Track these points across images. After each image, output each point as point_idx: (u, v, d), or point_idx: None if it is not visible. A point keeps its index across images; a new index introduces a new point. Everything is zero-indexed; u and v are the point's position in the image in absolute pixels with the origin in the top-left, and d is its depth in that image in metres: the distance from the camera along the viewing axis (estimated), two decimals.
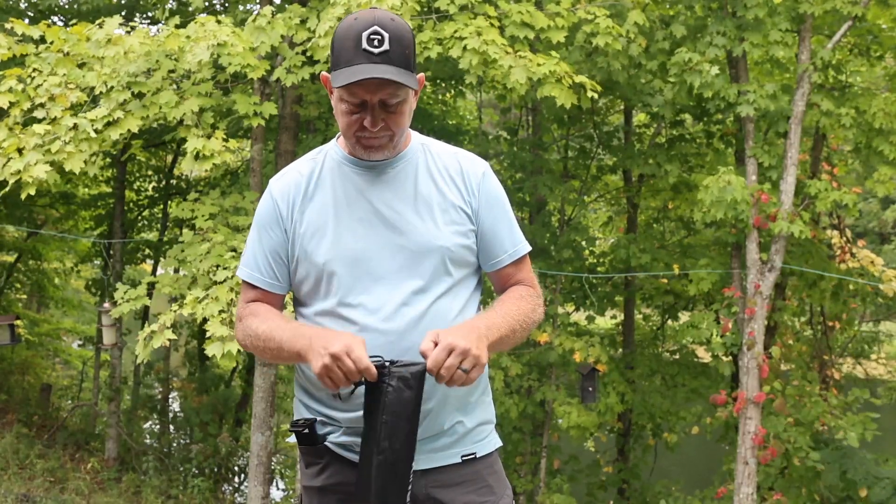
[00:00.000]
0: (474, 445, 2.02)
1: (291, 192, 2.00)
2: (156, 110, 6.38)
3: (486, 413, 2.08)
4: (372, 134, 1.88)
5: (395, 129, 1.89)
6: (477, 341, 1.76)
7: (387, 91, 1.83)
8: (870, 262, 10.53)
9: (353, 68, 1.81)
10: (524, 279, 2.08)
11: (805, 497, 9.15)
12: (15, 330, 9.45)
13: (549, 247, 9.71)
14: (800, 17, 8.09)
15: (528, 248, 2.10)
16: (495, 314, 1.92)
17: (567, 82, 6.49)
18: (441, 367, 1.71)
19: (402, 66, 1.82)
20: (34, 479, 9.48)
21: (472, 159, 2.05)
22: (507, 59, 6.26)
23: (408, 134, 2.01)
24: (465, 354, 1.72)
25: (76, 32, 6.48)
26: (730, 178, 7.72)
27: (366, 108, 1.85)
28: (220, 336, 5.86)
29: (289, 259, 2.01)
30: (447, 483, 1.93)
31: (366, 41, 1.80)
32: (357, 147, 1.93)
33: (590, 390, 8.26)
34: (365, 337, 1.87)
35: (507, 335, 1.91)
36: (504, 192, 2.10)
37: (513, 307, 1.97)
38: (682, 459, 11.85)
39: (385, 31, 1.80)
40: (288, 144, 8.26)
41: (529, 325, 2.00)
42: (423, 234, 1.93)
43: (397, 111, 1.87)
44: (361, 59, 1.80)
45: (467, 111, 13.55)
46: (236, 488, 11.72)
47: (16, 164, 6.01)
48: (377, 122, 1.86)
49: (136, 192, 14.02)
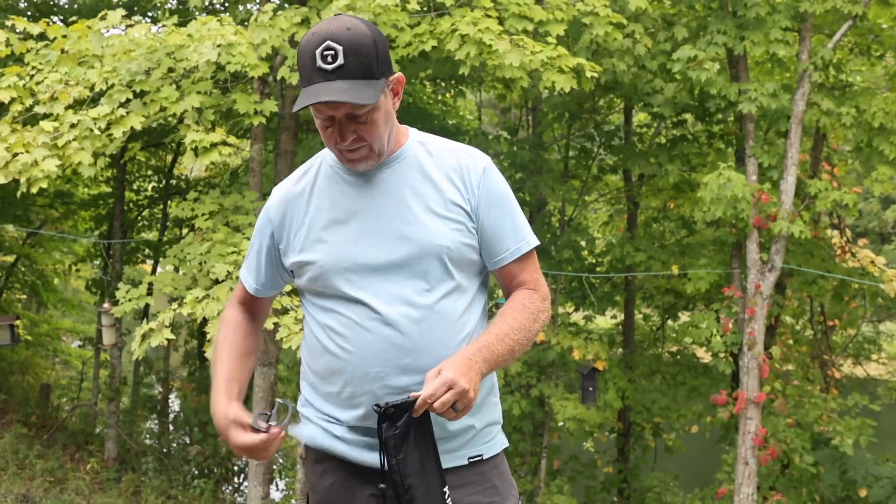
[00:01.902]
0: (481, 447, 2.01)
1: (287, 200, 2.03)
2: (156, 109, 6.37)
3: (494, 414, 2.07)
4: (347, 146, 1.88)
5: (370, 139, 1.88)
6: (475, 380, 1.77)
7: (349, 105, 1.82)
8: (870, 261, 10.54)
9: (309, 89, 1.81)
10: (528, 280, 2.03)
11: (805, 497, 9.15)
12: (15, 330, 9.45)
13: (550, 247, 9.71)
14: (800, 15, 8.09)
15: (534, 244, 2.04)
16: (494, 338, 1.89)
17: (566, 66, 6.45)
18: (437, 400, 1.72)
19: (362, 76, 1.80)
20: (34, 480, 9.47)
21: (473, 155, 2.01)
22: (503, 45, 6.24)
23: (402, 132, 2.00)
24: (462, 396, 1.73)
25: (77, 30, 6.47)
26: (730, 175, 7.71)
27: (335, 121, 1.86)
28: None
29: (280, 265, 2.08)
30: (453, 484, 1.92)
31: (319, 58, 1.79)
32: (342, 160, 1.94)
33: (590, 390, 8.26)
34: (367, 338, 1.89)
35: (505, 359, 1.90)
36: (508, 187, 2.05)
37: (512, 324, 1.94)
38: (683, 459, 11.83)
39: (338, 44, 1.78)
40: (288, 144, 8.26)
41: (532, 336, 1.98)
42: (421, 234, 1.92)
43: (368, 121, 1.86)
44: (317, 78, 1.80)
45: (467, 111, 13.54)
46: (236, 488, 11.71)
47: (25, 158, 6.00)
48: (347, 137, 1.86)
49: (135, 192, 14.01)
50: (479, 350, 1.84)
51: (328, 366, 1.96)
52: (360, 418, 1.92)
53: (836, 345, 11.08)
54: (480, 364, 1.81)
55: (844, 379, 10.96)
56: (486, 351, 1.85)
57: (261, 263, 2.10)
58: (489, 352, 1.85)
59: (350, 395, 1.93)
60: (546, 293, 2.05)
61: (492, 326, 1.94)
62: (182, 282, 6.79)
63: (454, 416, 1.76)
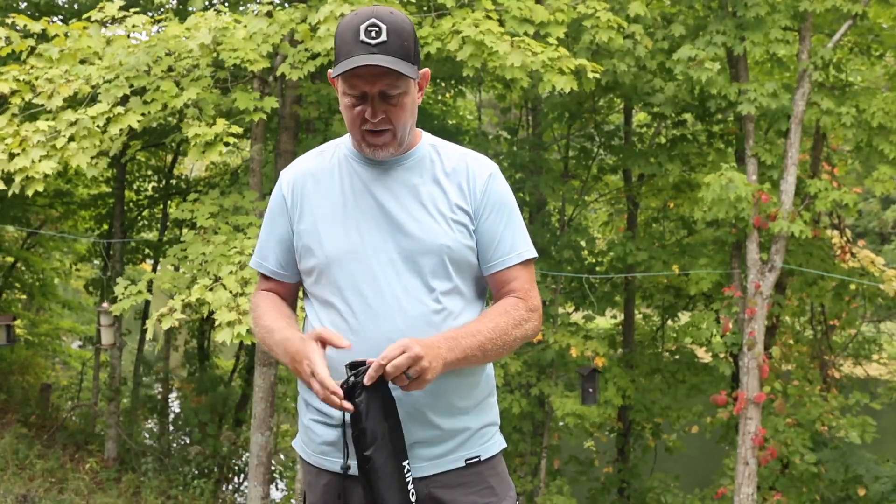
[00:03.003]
0: (478, 448, 2.02)
1: (299, 183, 2.03)
2: (157, 107, 6.37)
3: (491, 415, 2.08)
4: (374, 126, 1.89)
5: (396, 122, 1.90)
6: (433, 357, 1.75)
7: (385, 81, 1.84)
8: (870, 262, 10.54)
9: (350, 60, 1.83)
10: (518, 289, 2.00)
11: (805, 497, 9.15)
12: (12, 330, 9.43)
13: (550, 247, 9.70)
14: (800, 15, 8.09)
15: (530, 256, 2.03)
16: (466, 333, 1.88)
17: (567, 67, 6.44)
18: (389, 361, 1.72)
19: (401, 56, 1.84)
20: (34, 480, 9.47)
21: (480, 161, 2.05)
22: (504, 45, 6.23)
23: (417, 133, 2.03)
24: (416, 361, 1.72)
25: (77, 28, 6.48)
26: (731, 176, 7.70)
27: (367, 100, 1.87)
28: (229, 321, 5.85)
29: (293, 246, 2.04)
30: (449, 484, 1.93)
31: (363, 33, 1.83)
32: (362, 144, 1.94)
33: (590, 391, 8.25)
34: (363, 331, 1.90)
35: (474, 355, 1.87)
36: (511, 195, 2.06)
37: (489, 325, 1.91)
38: (682, 459, 11.83)
39: (383, 23, 1.83)
40: (288, 144, 8.26)
41: (510, 341, 1.94)
42: (425, 232, 1.94)
43: (398, 103, 1.88)
44: (359, 51, 1.83)
45: (467, 111, 13.54)
46: (236, 488, 11.71)
47: (21, 160, 5.99)
48: (377, 113, 1.87)
49: (135, 192, 14.01)
50: (445, 339, 1.84)
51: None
52: None
53: (836, 345, 11.08)
54: (445, 351, 1.80)
55: (844, 379, 10.95)
56: (453, 341, 1.84)
57: (276, 243, 2.07)
58: (455, 342, 1.84)
59: None
60: (536, 305, 2.01)
61: (468, 323, 1.94)
62: (182, 280, 6.79)
63: (406, 384, 1.74)
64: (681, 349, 11.13)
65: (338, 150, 2.05)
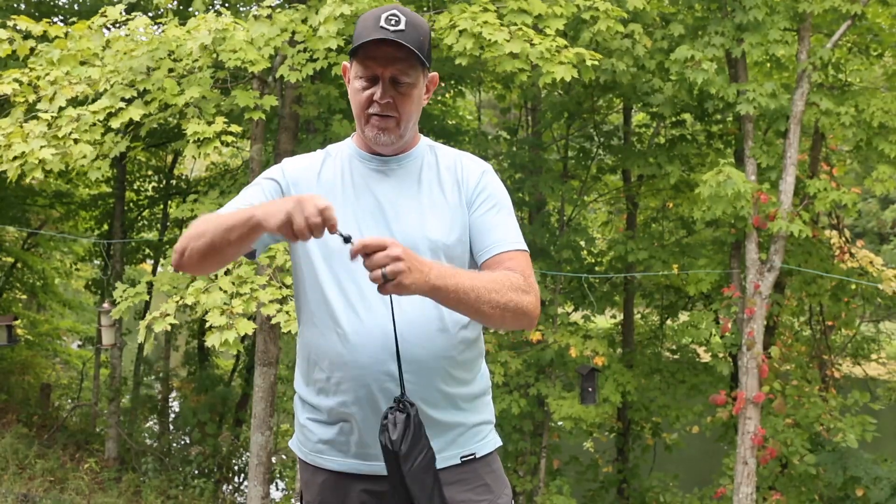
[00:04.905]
0: (474, 445, 2.03)
1: (301, 175, 2.05)
2: (157, 106, 6.38)
3: (486, 413, 2.09)
4: (381, 109, 1.92)
5: (402, 110, 1.94)
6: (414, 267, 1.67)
7: (397, 67, 1.90)
8: (869, 262, 10.55)
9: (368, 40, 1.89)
10: (516, 268, 1.94)
11: (804, 496, 9.16)
12: (13, 330, 9.45)
13: (549, 247, 9.70)
14: (799, 15, 8.10)
15: (524, 248, 2.02)
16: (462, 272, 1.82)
17: (566, 57, 6.43)
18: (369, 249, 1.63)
19: (416, 47, 1.89)
20: (34, 479, 9.48)
21: (474, 159, 2.11)
22: (501, 35, 6.24)
23: (416, 135, 2.07)
24: (395, 260, 1.63)
25: (78, 30, 6.49)
26: (729, 172, 7.70)
27: (377, 83, 1.92)
28: (220, 325, 5.87)
29: None
30: (445, 481, 1.93)
31: (384, 20, 1.89)
32: (366, 129, 1.96)
33: (589, 391, 8.25)
34: (361, 327, 1.92)
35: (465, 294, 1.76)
36: (506, 194, 2.09)
37: (486, 276, 1.86)
38: (682, 459, 11.85)
39: (403, 15, 1.90)
40: (287, 144, 8.27)
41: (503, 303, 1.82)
42: (422, 229, 1.96)
43: (406, 93, 1.93)
44: (378, 34, 1.88)
45: (466, 111, 13.55)
46: (236, 488, 11.73)
47: (20, 147, 6.00)
48: (386, 96, 1.91)
49: (136, 192, 14.02)
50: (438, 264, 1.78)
51: (320, 352, 1.99)
52: (340, 404, 1.95)
53: (835, 344, 11.09)
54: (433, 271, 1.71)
55: (843, 379, 10.97)
56: (445, 269, 1.76)
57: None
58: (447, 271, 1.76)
59: (337, 382, 1.96)
60: (534, 287, 1.94)
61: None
62: (181, 280, 6.81)
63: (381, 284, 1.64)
64: (680, 349, 11.15)
65: (341, 149, 2.09)
